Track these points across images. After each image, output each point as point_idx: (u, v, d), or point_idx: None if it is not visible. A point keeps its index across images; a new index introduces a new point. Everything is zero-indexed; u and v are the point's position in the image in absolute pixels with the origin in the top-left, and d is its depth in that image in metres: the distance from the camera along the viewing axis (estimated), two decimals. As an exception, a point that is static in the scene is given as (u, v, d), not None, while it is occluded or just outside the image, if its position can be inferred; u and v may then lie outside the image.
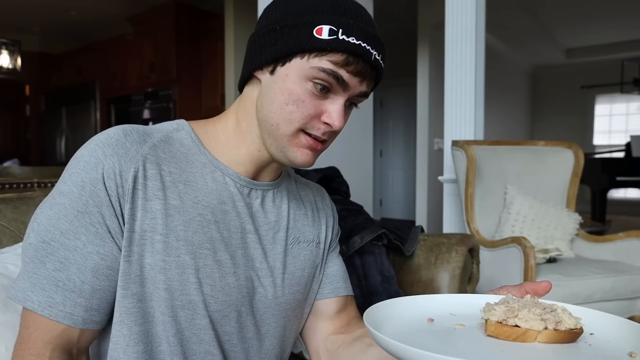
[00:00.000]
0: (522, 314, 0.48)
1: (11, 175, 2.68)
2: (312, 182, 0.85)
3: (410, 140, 6.46)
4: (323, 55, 0.59)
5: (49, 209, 0.58)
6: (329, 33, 0.58)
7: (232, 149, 0.68)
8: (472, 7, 2.34)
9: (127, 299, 0.60)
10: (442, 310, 0.56)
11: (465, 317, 0.55)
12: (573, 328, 0.48)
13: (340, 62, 0.59)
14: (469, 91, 2.38)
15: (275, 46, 0.61)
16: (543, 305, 0.50)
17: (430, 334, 0.50)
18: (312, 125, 0.62)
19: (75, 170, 0.59)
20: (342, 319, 0.79)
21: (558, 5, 4.93)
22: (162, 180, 0.61)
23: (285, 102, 0.61)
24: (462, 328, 0.52)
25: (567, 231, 2.24)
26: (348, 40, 0.58)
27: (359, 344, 0.71)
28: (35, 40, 6.71)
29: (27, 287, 0.58)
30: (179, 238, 0.61)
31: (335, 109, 0.61)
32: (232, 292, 0.65)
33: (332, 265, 0.80)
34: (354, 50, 0.59)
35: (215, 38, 4.92)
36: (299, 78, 0.60)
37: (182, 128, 0.68)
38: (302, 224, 0.76)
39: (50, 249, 0.57)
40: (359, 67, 0.60)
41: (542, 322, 0.47)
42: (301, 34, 0.59)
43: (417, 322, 0.53)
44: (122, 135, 0.61)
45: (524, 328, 0.47)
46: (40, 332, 0.57)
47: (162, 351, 0.62)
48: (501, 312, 0.49)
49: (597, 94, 7.33)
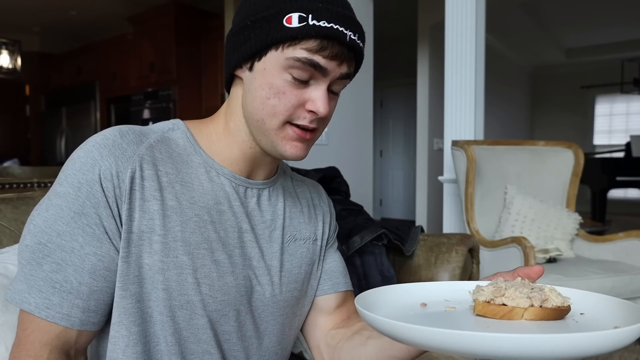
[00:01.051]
0: (509, 293, 0.49)
1: (11, 175, 2.68)
2: (309, 179, 0.85)
3: (410, 140, 6.47)
4: (297, 44, 0.58)
5: (45, 211, 0.58)
6: (299, 20, 0.57)
7: (224, 148, 0.68)
8: (472, 7, 2.34)
9: (126, 300, 0.60)
10: (437, 297, 0.58)
11: (458, 302, 0.56)
12: (560, 306, 0.49)
13: (315, 48, 0.58)
14: (469, 91, 2.38)
15: (250, 42, 0.60)
16: (531, 286, 0.51)
17: (420, 316, 0.52)
18: (297, 115, 0.62)
19: (72, 172, 0.59)
20: (342, 314, 0.79)
21: (558, 5, 4.93)
22: (159, 181, 0.61)
23: (267, 96, 0.60)
24: (453, 310, 0.53)
25: (567, 231, 2.24)
26: (319, 25, 0.57)
27: (359, 337, 0.71)
28: (35, 40, 6.70)
29: (24, 289, 0.57)
30: (177, 238, 0.61)
31: (318, 96, 0.60)
32: (231, 292, 0.65)
33: (331, 261, 0.81)
34: (326, 34, 0.57)
35: (215, 38, 4.91)
36: (277, 70, 0.59)
37: (177, 128, 0.68)
38: (298, 221, 0.76)
39: (47, 250, 0.57)
40: (334, 51, 0.58)
41: (528, 300, 0.48)
42: (272, 26, 0.58)
43: (409, 306, 0.55)
44: (118, 135, 0.61)
45: (511, 306, 0.48)
46: (37, 333, 0.57)
47: (159, 351, 0.62)
48: (489, 292, 0.50)
49: (597, 94, 7.33)
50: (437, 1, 3.94)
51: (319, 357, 0.78)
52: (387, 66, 6.09)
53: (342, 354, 0.73)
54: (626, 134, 6.92)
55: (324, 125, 0.66)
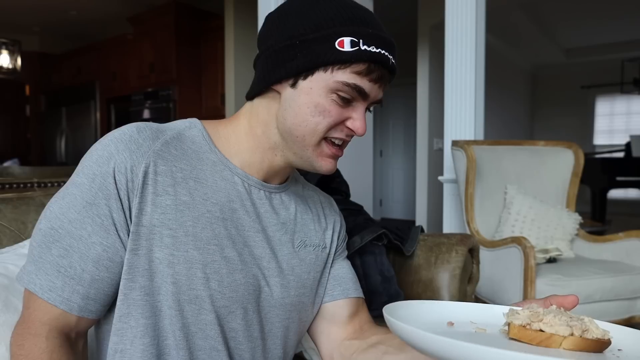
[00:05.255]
0: (548, 319, 0.46)
1: (11, 175, 2.68)
2: (320, 190, 0.86)
3: (410, 140, 6.47)
4: (347, 67, 0.61)
5: (62, 199, 0.61)
6: (351, 45, 0.60)
7: (245, 152, 0.69)
8: (472, 7, 2.34)
9: (135, 292, 0.61)
10: (462, 317, 0.55)
11: (485, 325, 0.53)
12: (600, 338, 0.46)
13: (363, 72, 0.61)
14: (469, 91, 2.38)
15: (296, 60, 0.62)
16: (569, 315, 0.48)
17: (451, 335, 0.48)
18: (335, 130, 0.65)
19: (88, 164, 0.61)
20: (354, 324, 0.79)
21: (558, 5, 4.93)
22: (173, 177, 0.63)
23: (312, 114, 0.63)
24: (483, 332, 0.50)
25: (567, 231, 2.25)
26: (369, 50, 0.60)
27: (375, 351, 0.71)
28: (35, 40, 6.71)
29: (32, 270, 0.60)
30: (188, 233, 0.62)
31: (359, 116, 0.64)
32: (239, 289, 0.66)
33: (340, 268, 0.81)
34: (375, 59, 0.61)
35: (215, 38, 4.91)
36: (324, 91, 0.62)
37: (194, 126, 0.69)
38: (309, 227, 0.77)
39: (57, 235, 0.60)
40: (379, 74, 0.62)
41: (568, 328, 0.45)
42: (323, 48, 0.60)
43: (436, 324, 0.52)
44: (135, 131, 0.63)
45: (549, 333, 0.45)
46: (38, 313, 0.60)
47: (168, 345, 0.63)
48: (525, 316, 0.47)
49: (597, 94, 7.32)
50: (437, 1, 3.94)
51: None
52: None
53: None
54: (626, 134, 6.92)
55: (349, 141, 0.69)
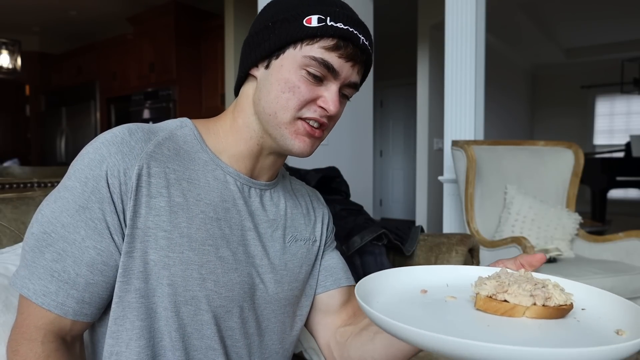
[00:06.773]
0: (512, 290, 0.48)
1: (11, 175, 2.68)
2: (305, 184, 0.88)
3: (410, 140, 6.46)
4: (314, 43, 0.62)
5: (54, 202, 0.61)
6: (318, 21, 0.61)
7: (231, 145, 0.70)
8: (472, 7, 2.34)
9: (130, 294, 0.61)
10: (438, 282, 0.57)
11: (459, 289, 0.55)
12: (562, 304, 0.48)
13: (331, 47, 0.62)
14: (469, 91, 2.38)
15: (269, 41, 0.64)
16: (535, 281, 0.50)
17: (420, 305, 0.51)
18: (308, 109, 0.64)
19: (80, 167, 0.61)
20: (347, 310, 0.80)
21: (558, 5, 4.93)
22: (166, 178, 0.63)
23: (282, 90, 0.63)
24: (453, 300, 0.53)
25: (567, 231, 2.24)
26: (337, 26, 0.61)
27: (366, 332, 0.72)
28: (35, 40, 6.71)
29: (26, 274, 0.60)
30: (183, 234, 0.62)
31: (330, 94, 0.64)
32: (235, 288, 0.66)
33: (330, 259, 0.82)
34: (342, 35, 0.62)
35: (215, 38, 4.91)
36: (293, 67, 0.63)
37: (185, 125, 0.70)
38: (299, 222, 0.78)
39: (50, 239, 0.59)
40: (349, 51, 0.63)
41: (531, 298, 0.48)
42: (292, 26, 0.62)
43: (409, 293, 0.54)
44: (127, 133, 0.62)
45: (512, 303, 0.48)
46: (33, 318, 0.60)
47: (164, 346, 0.63)
48: (491, 286, 0.49)
49: (597, 94, 7.32)
50: (437, 1, 3.94)
51: (329, 355, 0.79)
52: (387, 66, 6.09)
53: (351, 350, 0.74)
54: (626, 134, 6.92)
55: (331, 126, 0.69)
